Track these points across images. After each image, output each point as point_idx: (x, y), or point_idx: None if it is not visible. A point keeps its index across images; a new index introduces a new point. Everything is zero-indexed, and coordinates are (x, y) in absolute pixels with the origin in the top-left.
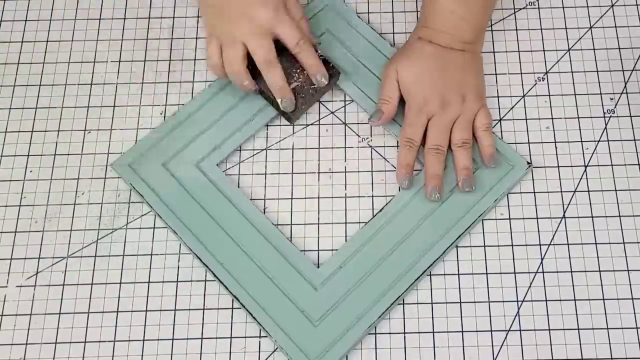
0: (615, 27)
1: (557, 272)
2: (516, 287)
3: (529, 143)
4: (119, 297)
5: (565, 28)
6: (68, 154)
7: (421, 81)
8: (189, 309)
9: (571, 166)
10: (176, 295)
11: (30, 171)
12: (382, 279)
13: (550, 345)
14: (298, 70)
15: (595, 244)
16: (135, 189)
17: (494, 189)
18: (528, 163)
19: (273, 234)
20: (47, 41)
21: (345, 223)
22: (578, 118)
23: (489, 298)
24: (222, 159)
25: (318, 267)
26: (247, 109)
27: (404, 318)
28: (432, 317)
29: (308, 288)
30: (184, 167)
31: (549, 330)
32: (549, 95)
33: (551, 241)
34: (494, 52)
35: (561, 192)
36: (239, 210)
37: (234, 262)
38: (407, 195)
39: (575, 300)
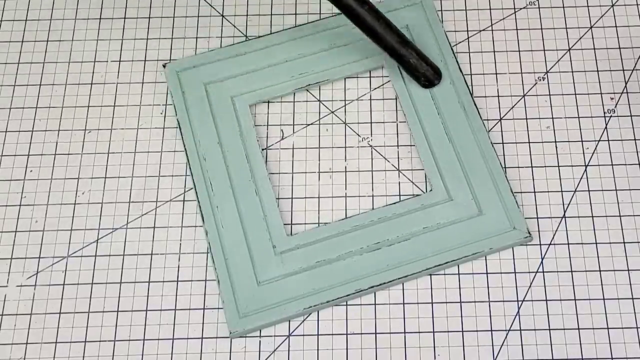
0: (616, 26)
1: (557, 271)
2: (516, 286)
3: (529, 143)
4: (119, 296)
5: (566, 28)
6: (68, 154)
7: None
8: (189, 309)
9: (571, 166)
10: (176, 295)
11: (31, 171)
12: (344, 271)
13: (551, 345)
14: None
15: (596, 243)
16: (170, 92)
17: (486, 242)
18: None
19: (264, 188)
20: (47, 41)
21: None
22: (578, 118)
23: (489, 298)
24: (257, 101)
25: (291, 234)
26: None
27: (404, 318)
28: (432, 317)
29: (270, 250)
30: (220, 94)
31: (549, 330)
32: (549, 95)
33: (551, 241)
34: (494, 52)
35: (561, 192)
36: (245, 151)
37: (219, 193)
38: (414, 204)
39: (575, 300)
